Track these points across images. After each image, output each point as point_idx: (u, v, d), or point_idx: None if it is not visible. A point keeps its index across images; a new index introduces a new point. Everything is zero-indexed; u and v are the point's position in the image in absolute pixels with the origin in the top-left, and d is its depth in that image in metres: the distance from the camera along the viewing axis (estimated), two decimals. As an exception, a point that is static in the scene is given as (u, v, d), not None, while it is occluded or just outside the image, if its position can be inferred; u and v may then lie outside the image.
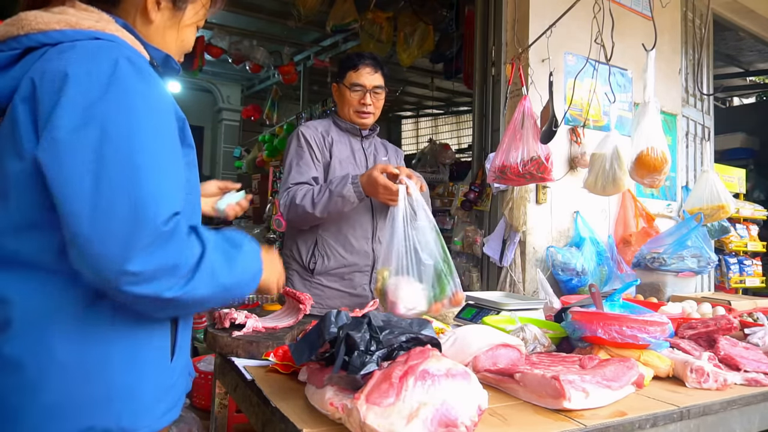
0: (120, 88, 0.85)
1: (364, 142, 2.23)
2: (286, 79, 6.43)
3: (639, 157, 2.25)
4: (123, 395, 0.90)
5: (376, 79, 2.15)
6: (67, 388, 0.86)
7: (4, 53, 0.90)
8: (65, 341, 0.86)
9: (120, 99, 0.84)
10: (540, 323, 1.70)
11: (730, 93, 7.70)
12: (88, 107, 0.82)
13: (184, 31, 1.08)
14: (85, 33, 0.89)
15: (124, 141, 0.83)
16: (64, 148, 0.81)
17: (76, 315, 0.87)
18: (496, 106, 3.17)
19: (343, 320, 1.09)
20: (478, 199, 3.29)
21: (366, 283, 2.17)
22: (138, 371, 0.92)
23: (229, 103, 9.01)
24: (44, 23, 0.88)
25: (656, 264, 2.71)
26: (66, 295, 0.87)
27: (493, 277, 3.11)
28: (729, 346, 1.52)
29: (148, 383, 0.93)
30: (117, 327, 0.90)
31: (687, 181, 3.88)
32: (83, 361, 0.87)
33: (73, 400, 0.86)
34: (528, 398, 1.18)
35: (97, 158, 0.81)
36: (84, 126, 0.82)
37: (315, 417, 1.04)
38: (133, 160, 0.83)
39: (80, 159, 0.81)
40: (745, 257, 4.37)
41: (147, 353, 0.94)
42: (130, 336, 0.91)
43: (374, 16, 4.78)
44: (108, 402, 0.88)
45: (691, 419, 1.21)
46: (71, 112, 0.82)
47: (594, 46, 2.43)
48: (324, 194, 1.94)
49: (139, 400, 0.92)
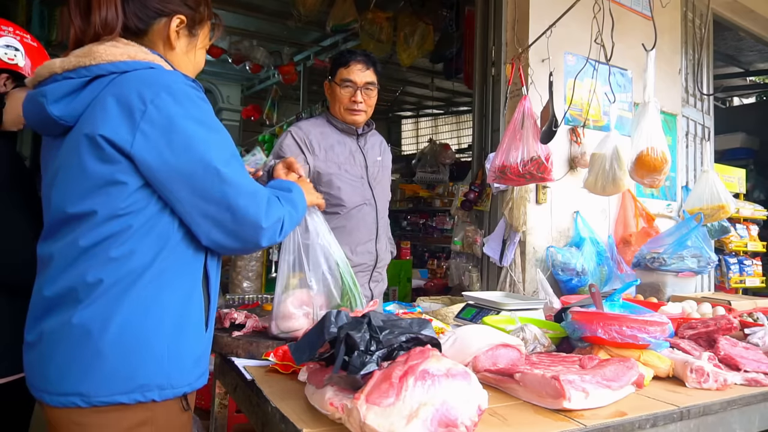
0: (196, 107, 1.10)
1: (360, 141, 2.20)
2: (286, 79, 6.43)
3: (639, 157, 2.25)
4: (172, 358, 1.08)
5: (367, 76, 2.12)
6: (127, 351, 1.04)
7: (75, 80, 1.08)
8: (127, 314, 1.05)
9: (202, 107, 1.12)
10: (540, 323, 1.70)
11: (730, 93, 7.70)
12: (186, 126, 1.07)
13: (197, 54, 1.29)
14: (142, 63, 1.10)
15: (223, 137, 1.13)
16: (187, 148, 1.07)
17: (137, 292, 1.06)
18: (496, 106, 3.17)
19: (343, 320, 1.09)
20: (478, 199, 3.29)
21: (366, 282, 2.17)
22: (183, 338, 1.11)
23: (229, 103, 9.00)
24: (113, 55, 1.08)
25: (656, 264, 2.71)
26: (130, 276, 1.07)
27: (493, 277, 3.11)
28: (729, 346, 1.52)
29: (189, 348, 1.12)
30: (165, 304, 1.09)
31: (687, 181, 3.87)
32: (142, 330, 1.06)
33: (133, 361, 1.05)
34: (528, 398, 1.18)
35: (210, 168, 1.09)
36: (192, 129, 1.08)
37: (315, 417, 1.04)
38: (232, 154, 1.14)
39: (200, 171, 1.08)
40: (745, 257, 4.37)
41: (189, 324, 1.12)
42: (177, 311, 1.10)
43: (374, 16, 4.77)
44: (159, 363, 1.07)
45: (691, 419, 1.21)
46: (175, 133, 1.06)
47: (594, 46, 2.43)
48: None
49: (183, 362, 1.11)
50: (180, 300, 1.11)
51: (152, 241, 1.09)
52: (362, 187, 2.14)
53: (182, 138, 1.06)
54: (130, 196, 1.07)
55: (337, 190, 2.08)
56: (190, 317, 1.13)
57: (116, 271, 1.06)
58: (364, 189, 2.14)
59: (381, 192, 2.23)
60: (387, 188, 2.31)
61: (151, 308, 1.07)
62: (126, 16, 1.15)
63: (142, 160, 1.05)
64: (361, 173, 2.14)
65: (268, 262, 5.14)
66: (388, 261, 2.30)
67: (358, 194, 2.12)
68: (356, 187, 2.12)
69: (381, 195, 2.23)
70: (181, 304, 1.11)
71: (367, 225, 2.12)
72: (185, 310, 1.12)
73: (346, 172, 2.10)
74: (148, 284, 1.07)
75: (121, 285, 1.06)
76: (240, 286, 4.89)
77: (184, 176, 1.06)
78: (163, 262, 1.09)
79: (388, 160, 2.33)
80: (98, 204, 1.06)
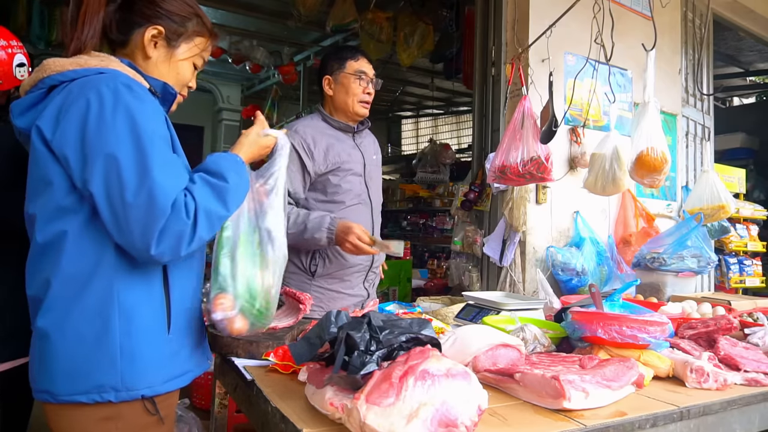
0: (121, 104, 1.09)
1: (356, 139, 2.18)
2: (286, 79, 6.42)
3: (639, 157, 2.25)
4: (125, 360, 1.10)
5: (372, 70, 2.14)
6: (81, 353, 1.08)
7: (35, 93, 1.15)
8: (78, 317, 1.09)
9: (131, 107, 1.10)
10: (540, 323, 1.70)
11: (730, 93, 7.69)
12: (102, 120, 1.07)
13: (177, 65, 1.32)
14: (92, 70, 1.14)
15: (143, 139, 1.08)
16: (89, 154, 1.07)
17: (86, 297, 1.09)
18: (496, 106, 3.17)
19: (343, 320, 1.09)
20: (478, 199, 3.29)
21: (362, 282, 2.17)
22: (136, 340, 1.11)
23: (229, 103, 9.00)
24: (61, 66, 1.14)
25: (656, 264, 2.71)
26: (77, 280, 1.10)
27: (493, 277, 3.11)
28: (729, 346, 1.52)
29: (145, 350, 1.12)
30: (116, 306, 1.11)
31: (687, 181, 3.88)
32: (93, 333, 1.08)
33: (87, 362, 1.08)
34: (528, 398, 1.18)
35: (112, 161, 1.06)
36: (102, 139, 1.06)
37: (315, 417, 1.04)
38: (142, 160, 1.07)
39: (101, 164, 1.06)
40: (745, 257, 4.37)
41: (143, 326, 1.13)
42: (128, 313, 1.11)
43: (374, 16, 4.77)
44: (112, 364, 1.09)
45: (691, 419, 1.21)
46: (89, 126, 1.07)
47: (594, 46, 2.43)
48: (298, 228, 1.93)
49: (138, 364, 1.11)
50: (132, 302, 1.12)
51: (93, 245, 1.11)
52: (360, 185, 2.13)
53: (95, 133, 1.06)
54: (63, 199, 1.10)
55: (335, 187, 2.06)
56: (144, 319, 1.13)
57: (63, 276, 1.09)
58: (360, 187, 2.13)
59: (375, 190, 2.22)
60: (380, 187, 2.30)
61: (101, 311, 1.09)
62: (110, 29, 1.25)
63: (61, 155, 1.08)
64: (359, 171, 2.12)
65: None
66: (382, 260, 2.28)
67: (354, 192, 2.10)
68: (354, 184, 2.10)
69: (375, 193, 2.22)
70: (133, 306, 1.12)
71: (363, 223, 2.12)
72: (138, 312, 1.12)
73: (344, 170, 2.07)
74: (97, 287, 1.10)
75: (70, 289, 1.09)
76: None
77: (92, 173, 1.06)
78: (109, 265, 1.11)
79: (379, 155, 2.30)
80: (38, 207, 1.12)
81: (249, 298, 1.20)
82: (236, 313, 1.17)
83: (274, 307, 1.26)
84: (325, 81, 2.12)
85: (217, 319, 1.17)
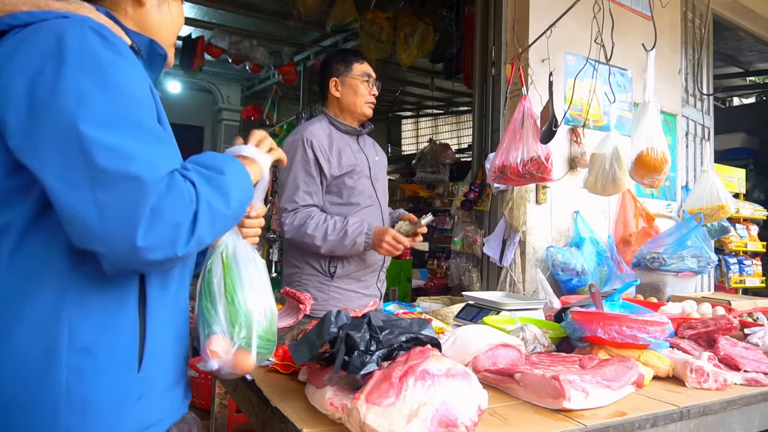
0: (88, 53, 0.82)
1: (360, 141, 2.21)
2: (286, 79, 6.43)
3: (639, 157, 2.25)
4: (72, 408, 0.80)
5: (373, 72, 2.19)
6: (10, 397, 0.79)
7: None
8: (14, 347, 0.80)
9: (91, 65, 0.81)
10: (540, 323, 1.70)
11: (730, 93, 7.70)
12: (61, 74, 0.79)
13: (171, 7, 1.06)
14: (53, 13, 0.85)
15: (116, 95, 0.81)
16: (39, 124, 0.78)
17: (22, 320, 0.81)
18: (496, 106, 3.17)
19: (343, 320, 1.09)
20: (478, 199, 3.29)
21: (375, 281, 2.22)
22: (90, 380, 0.82)
23: (229, 103, 9.01)
24: (11, 5, 0.85)
25: (656, 264, 2.71)
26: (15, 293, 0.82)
27: (493, 277, 3.11)
28: (729, 346, 1.52)
29: (102, 394, 0.83)
30: (68, 332, 0.81)
31: (687, 181, 3.88)
32: (29, 369, 0.79)
33: (18, 411, 0.79)
34: (528, 398, 1.18)
35: (73, 131, 0.77)
36: (58, 95, 0.78)
37: (315, 417, 1.04)
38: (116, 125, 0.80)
39: (56, 134, 0.78)
40: (745, 257, 4.37)
41: (103, 360, 0.84)
42: (83, 343, 0.83)
43: (374, 16, 4.77)
44: (53, 414, 0.80)
45: (691, 419, 1.21)
46: (41, 81, 0.79)
47: (594, 46, 2.43)
48: (338, 235, 1.98)
49: (92, 414, 0.82)
50: (89, 327, 0.83)
51: (39, 246, 0.83)
52: (369, 187, 2.17)
53: (49, 90, 0.78)
54: (2, 181, 0.82)
55: (350, 189, 2.10)
56: (105, 351, 0.84)
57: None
58: (369, 189, 2.17)
59: (382, 191, 2.25)
60: (386, 187, 2.33)
61: (43, 337, 0.80)
62: None
63: (3, 121, 0.80)
64: (366, 173, 2.16)
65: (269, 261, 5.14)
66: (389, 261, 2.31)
67: (366, 194, 2.15)
68: (365, 186, 2.15)
69: (383, 194, 2.25)
70: (91, 333, 0.83)
71: (376, 224, 2.14)
72: (98, 341, 0.83)
73: (356, 172, 2.12)
74: (38, 305, 0.81)
75: (2, 307, 0.81)
76: (240, 286, 4.89)
77: (43, 145, 0.78)
78: (56, 275, 0.83)
79: (383, 157, 2.34)
80: None
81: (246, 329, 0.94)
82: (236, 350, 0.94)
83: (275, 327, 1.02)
84: (331, 83, 2.14)
85: (216, 368, 0.94)
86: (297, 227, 1.99)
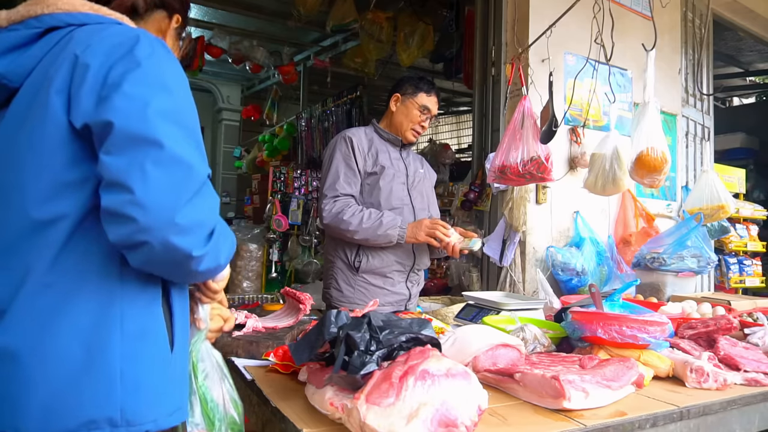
0: (165, 59, 0.91)
1: (402, 152, 2.32)
2: (286, 79, 6.42)
3: (639, 157, 2.25)
4: (126, 384, 0.87)
5: (436, 109, 2.30)
6: (67, 378, 0.84)
7: (23, 32, 0.92)
8: (67, 333, 0.85)
9: (177, 69, 0.93)
10: (540, 323, 1.71)
11: (730, 93, 7.69)
12: (157, 75, 0.88)
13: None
14: (108, 19, 0.95)
15: (185, 104, 0.92)
16: (137, 109, 0.84)
17: (74, 308, 0.86)
18: (496, 106, 3.17)
19: (343, 320, 1.09)
20: (478, 199, 3.29)
21: (403, 281, 2.24)
22: (141, 360, 0.89)
23: (229, 103, 9.00)
24: (71, 5, 0.93)
25: (656, 264, 2.71)
26: (70, 285, 0.87)
27: (493, 277, 3.11)
28: (729, 346, 1.52)
29: (150, 373, 0.90)
30: (121, 321, 0.88)
31: (687, 181, 3.88)
32: (83, 354, 0.85)
33: (73, 392, 0.84)
34: (528, 398, 1.18)
35: (163, 119, 0.86)
36: (156, 91, 0.87)
37: (315, 417, 1.04)
38: (187, 122, 0.90)
39: (125, 111, 0.84)
40: (745, 257, 4.37)
41: (150, 345, 0.91)
42: (134, 329, 0.89)
43: (374, 16, 4.77)
44: (110, 391, 0.85)
45: (691, 419, 1.21)
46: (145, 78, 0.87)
47: (594, 46, 2.43)
48: (373, 224, 2.07)
49: (141, 391, 0.88)
50: (139, 316, 0.90)
51: (98, 236, 0.87)
52: (402, 191, 2.24)
53: (127, 77, 0.86)
54: (66, 171, 0.88)
55: (379, 189, 2.19)
56: (151, 336, 0.91)
57: (46, 277, 0.85)
58: (403, 193, 2.24)
59: (419, 197, 2.31)
60: (427, 196, 2.38)
61: (97, 327, 0.86)
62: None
63: (76, 99, 0.86)
64: (402, 179, 2.25)
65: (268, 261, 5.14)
66: (427, 264, 2.36)
67: (397, 196, 2.22)
68: (397, 189, 2.22)
69: (419, 200, 2.31)
70: (140, 321, 0.90)
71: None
72: (146, 328, 0.91)
73: (388, 174, 2.20)
74: (91, 296, 0.87)
75: (51, 296, 0.85)
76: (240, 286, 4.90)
77: (112, 116, 0.84)
78: (116, 266, 0.89)
79: (430, 173, 2.45)
80: (28, 179, 0.87)
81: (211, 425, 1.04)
82: None
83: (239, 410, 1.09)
84: (393, 97, 2.30)
85: None
86: (335, 214, 2.09)
